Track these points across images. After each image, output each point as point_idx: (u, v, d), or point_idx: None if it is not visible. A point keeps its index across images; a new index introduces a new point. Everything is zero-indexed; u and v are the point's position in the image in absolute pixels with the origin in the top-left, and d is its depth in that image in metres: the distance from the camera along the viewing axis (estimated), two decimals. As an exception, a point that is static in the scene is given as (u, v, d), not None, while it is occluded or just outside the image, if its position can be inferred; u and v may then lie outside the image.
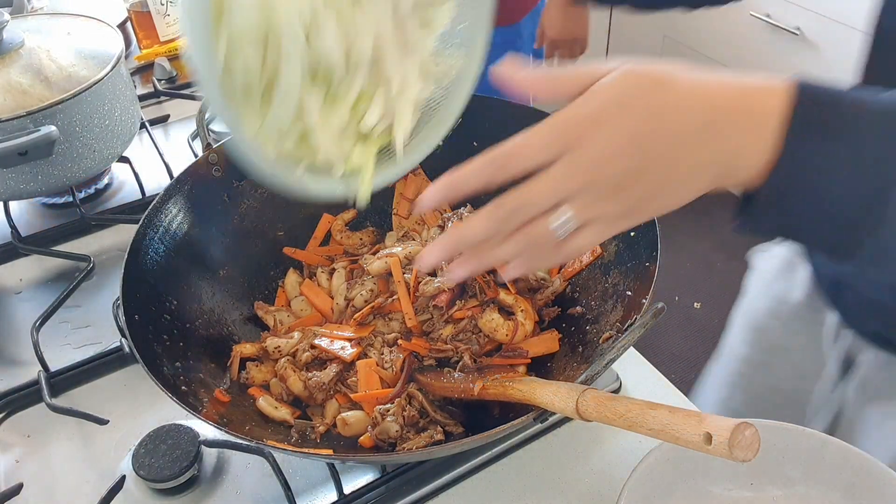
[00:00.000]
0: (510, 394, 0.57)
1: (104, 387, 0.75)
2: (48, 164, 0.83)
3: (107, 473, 0.66)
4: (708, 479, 0.59)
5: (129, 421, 0.71)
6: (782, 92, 0.39)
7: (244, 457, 0.67)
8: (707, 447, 0.38)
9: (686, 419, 0.40)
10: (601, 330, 0.66)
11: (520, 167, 0.40)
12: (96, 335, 0.80)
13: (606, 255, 0.71)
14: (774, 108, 0.39)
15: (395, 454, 0.61)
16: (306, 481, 0.65)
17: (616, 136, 0.39)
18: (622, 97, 0.39)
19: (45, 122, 0.80)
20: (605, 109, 0.39)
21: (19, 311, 0.84)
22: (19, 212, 0.97)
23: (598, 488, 0.64)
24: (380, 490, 0.63)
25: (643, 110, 0.39)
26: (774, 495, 0.59)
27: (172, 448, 0.64)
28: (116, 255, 0.90)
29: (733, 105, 0.40)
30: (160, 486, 0.64)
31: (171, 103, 1.19)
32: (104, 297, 0.85)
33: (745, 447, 0.37)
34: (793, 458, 0.58)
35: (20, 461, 0.69)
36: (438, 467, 0.65)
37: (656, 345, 1.98)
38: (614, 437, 0.67)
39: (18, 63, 0.83)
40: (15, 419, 0.72)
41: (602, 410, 0.46)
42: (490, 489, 0.64)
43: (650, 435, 0.43)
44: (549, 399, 0.51)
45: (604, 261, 0.71)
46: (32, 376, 0.74)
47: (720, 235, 2.32)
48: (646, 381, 0.73)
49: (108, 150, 0.90)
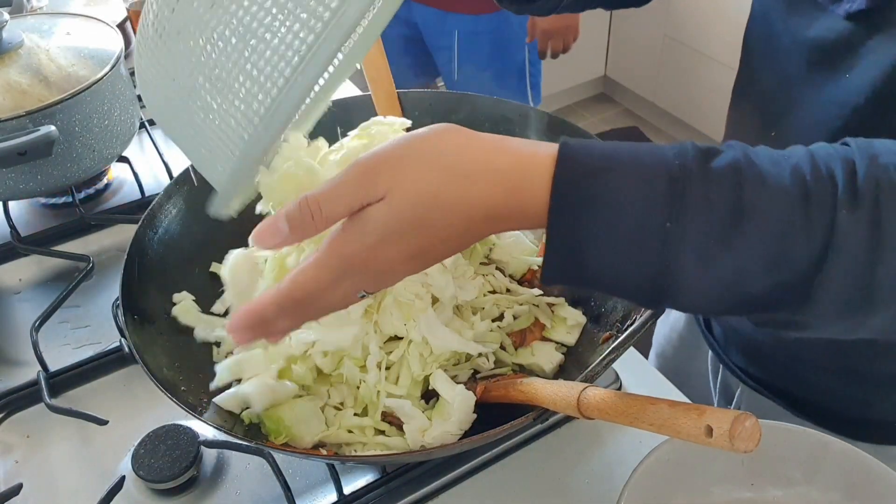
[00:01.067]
0: (512, 395, 0.57)
1: (104, 387, 0.75)
2: (47, 163, 0.83)
3: (106, 474, 0.66)
4: (708, 480, 0.59)
5: (129, 421, 0.71)
6: (548, 165, 0.39)
7: (244, 457, 0.67)
8: (708, 440, 0.39)
9: (686, 413, 0.40)
10: (601, 330, 0.66)
11: (318, 305, 0.42)
12: (96, 335, 0.80)
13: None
14: (542, 183, 0.39)
15: (395, 454, 0.61)
16: (306, 482, 0.65)
17: (396, 255, 0.41)
18: (395, 224, 0.40)
19: (44, 122, 0.80)
20: (384, 239, 0.40)
21: (19, 311, 0.84)
22: (19, 212, 0.97)
23: (598, 489, 0.64)
24: (380, 490, 0.63)
25: (416, 233, 0.40)
26: (775, 495, 0.59)
27: (172, 448, 0.64)
28: (116, 255, 0.90)
29: (504, 205, 0.40)
30: (160, 486, 0.64)
31: (170, 103, 1.19)
32: (104, 297, 0.85)
33: (745, 438, 0.38)
34: (793, 459, 0.58)
35: (20, 461, 0.69)
36: (438, 468, 0.64)
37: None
38: (614, 438, 0.67)
39: (18, 63, 0.83)
40: (15, 419, 0.72)
41: (603, 407, 0.46)
42: (490, 490, 0.64)
43: (651, 430, 0.43)
44: (551, 398, 0.51)
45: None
46: (32, 376, 0.73)
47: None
48: (646, 381, 0.73)
49: (107, 150, 0.90)
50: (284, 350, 0.62)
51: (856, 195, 0.36)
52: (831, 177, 0.37)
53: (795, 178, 0.37)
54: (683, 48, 2.72)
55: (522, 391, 0.55)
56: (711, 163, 0.38)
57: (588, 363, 0.55)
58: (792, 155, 0.39)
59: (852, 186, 0.37)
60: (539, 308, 0.69)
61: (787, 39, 0.60)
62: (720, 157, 0.38)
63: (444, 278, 0.63)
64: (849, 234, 0.36)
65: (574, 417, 0.54)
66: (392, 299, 0.63)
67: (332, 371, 0.63)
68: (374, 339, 0.63)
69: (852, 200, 0.36)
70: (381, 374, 0.62)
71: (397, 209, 0.39)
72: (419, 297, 0.63)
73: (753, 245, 0.37)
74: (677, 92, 2.84)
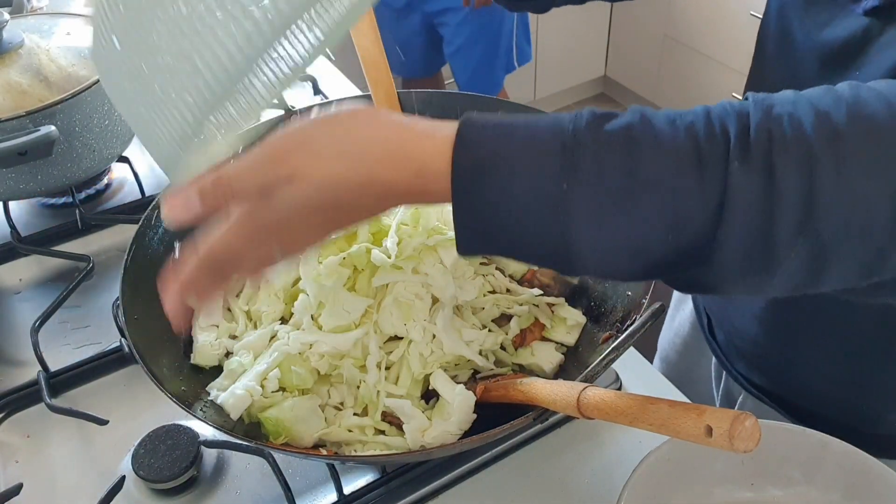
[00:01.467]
0: (512, 395, 0.57)
1: (104, 387, 0.75)
2: (48, 163, 0.83)
3: (106, 474, 0.66)
4: (708, 480, 0.59)
5: (129, 421, 0.71)
6: (449, 144, 0.39)
7: (244, 457, 0.67)
8: (708, 439, 0.39)
9: (686, 412, 0.40)
10: (601, 330, 0.66)
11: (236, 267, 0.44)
12: (96, 335, 0.80)
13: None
14: (444, 163, 0.39)
15: (395, 454, 0.61)
16: (306, 482, 0.65)
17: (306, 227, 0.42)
18: (302, 204, 0.41)
19: (44, 122, 0.80)
20: (292, 216, 0.41)
21: (19, 311, 0.84)
22: (19, 212, 0.97)
23: (598, 489, 0.64)
24: (380, 490, 0.63)
25: (323, 212, 0.41)
26: (775, 496, 0.59)
27: (172, 448, 0.64)
28: (116, 255, 0.90)
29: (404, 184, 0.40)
30: (160, 486, 0.64)
31: (170, 103, 1.19)
32: (104, 297, 0.85)
33: (745, 438, 0.38)
34: (793, 459, 0.58)
35: (20, 461, 0.69)
36: (438, 468, 0.64)
37: (656, 345, 1.98)
38: (614, 438, 0.67)
39: (18, 63, 0.83)
40: (15, 419, 0.72)
41: (603, 407, 0.46)
42: (490, 490, 0.64)
43: (651, 430, 0.43)
44: (551, 398, 0.51)
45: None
46: (32, 376, 0.73)
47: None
48: (645, 381, 0.73)
49: (107, 150, 0.90)
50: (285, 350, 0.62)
51: (748, 149, 0.36)
52: (724, 132, 0.37)
53: (689, 136, 0.37)
54: (683, 48, 2.72)
55: (522, 391, 0.55)
56: (605, 126, 0.38)
57: (588, 363, 0.55)
58: (689, 113, 0.39)
59: (744, 140, 0.36)
60: (539, 308, 0.69)
61: (802, 39, 0.60)
62: (615, 120, 0.38)
63: (445, 278, 0.63)
64: (742, 189, 0.36)
65: (574, 417, 0.54)
66: (392, 299, 0.63)
67: (330, 372, 0.63)
68: (373, 339, 0.63)
69: (744, 154, 0.36)
70: (380, 374, 0.62)
71: (304, 192, 0.40)
72: (419, 298, 0.63)
73: (649, 209, 0.37)
74: (677, 92, 2.84)
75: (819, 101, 0.37)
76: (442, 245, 0.63)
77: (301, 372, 0.62)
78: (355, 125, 0.42)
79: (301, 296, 0.64)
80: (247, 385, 0.61)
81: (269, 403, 0.61)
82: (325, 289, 0.62)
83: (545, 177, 0.38)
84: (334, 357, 0.62)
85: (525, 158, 0.38)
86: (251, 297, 0.69)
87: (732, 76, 2.50)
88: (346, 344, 0.61)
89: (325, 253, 0.63)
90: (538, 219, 0.38)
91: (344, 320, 0.62)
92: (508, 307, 0.68)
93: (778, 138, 0.36)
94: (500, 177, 0.38)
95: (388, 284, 0.64)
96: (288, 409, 0.60)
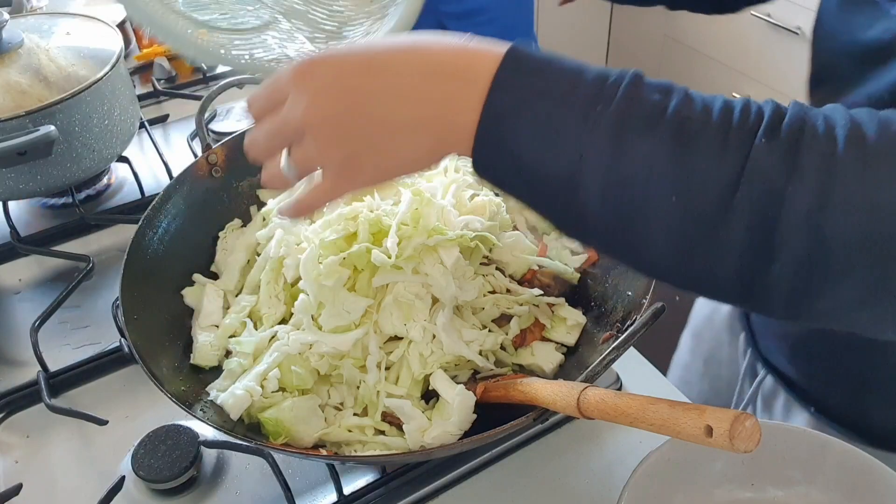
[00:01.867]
0: (512, 395, 0.57)
1: (104, 387, 0.75)
2: (47, 163, 0.83)
3: (106, 474, 0.66)
4: (708, 480, 0.59)
5: (129, 421, 0.71)
6: (497, 55, 0.41)
7: (244, 457, 0.67)
8: (708, 440, 0.38)
9: (686, 412, 0.40)
10: (601, 330, 0.66)
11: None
12: (96, 335, 0.80)
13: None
14: (486, 68, 0.41)
15: (395, 454, 0.61)
16: (306, 482, 0.65)
17: (329, 88, 0.44)
18: (336, 70, 0.44)
19: (44, 122, 0.80)
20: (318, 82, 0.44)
21: (19, 311, 0.84)
22: (19, 212, 0.97)
23: (598, 489, 0.64)
24: (380, 491, 0.63)
25: (357, 68, 0.43)
26: (775, 496, 0.59)
27: (172, 448, 0.64)
28: (116, 255, 0.90)
29: (450, 63, 0.42)
30: (160, 486, 0.64)
31: (170, 103, 1.19)
32: (104, 297, 0.85)
33: (745, 438, 0.37)
34: (793, 459, 0.58)
35: (20, 461, 0.69)
36: (438, 468, 0.64)
37: (656, 345, 1.98)
38: (614, 438, 0.67)
39: (18, 63, 0.83)
40: (14, 419, 0.72)
41: (603, 407, 0.46)
42: (490, 490, 0.64)
43: (651, 430, 0.43)
44: (551, 398, 0.51)
45: (604, 261, 0.71)
46: (32, 376, 0.73)
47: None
48: (646, 381, 0.73)
49: (107, 150, 0.90)
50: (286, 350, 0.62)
51: (778, 131, 0.37)
52: (759, 113, 0.38)
53: (725, 107, 0.38)
54: (683, 48, 2.72)
55: (522, 391, 0.55)
56: (646, 78, 0.39)
57: (588, 363, 0.55)
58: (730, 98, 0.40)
59: (776, 123, 0.37)
60: (539, 308, 0.69)
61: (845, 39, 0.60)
62: (657, 80, 0.40)
63: (445, 278, 0.63)
64: (763, 162, 0.36)
65: (574, 417, 0.54)
66: (392, 299, 0.63)
67: (330, 372, 0.63)
68: (373, 339, 0.63)
69: (773, 134, 0.37)
70: (380, 374, 0.62)
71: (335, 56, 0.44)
72: (419, 298, 0.63)
73: (665, 144, 0.38)
74: (677, 92, 2.84)
75: (856, 113, 0.38)
76: (442, 245, 0.63)
77: (301, 372, 0.62)
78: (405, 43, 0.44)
79: (301, 296, 0.64)
80: (247, 385, 0.61)
81: (268, 403, 0.61)
82: (325, 289, 0.62)
83: (580, 98, 0.39)
84: (334, 357, 0.62)
85: (566, 77, 0.40)
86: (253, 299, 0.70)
87: (732, 76, 2.50)
88: (346, 344, 0.61)
89: (326, 253, 0.63)
90: (559, 136, 0.39)
91: (344, 320, 0.62)
92: (508, 307, 0.68)
93: (809, 130, 0.37)
94: (538, 85, 0.40)
95: (388, 284, 0.63)
96: (288, 410, 0.59)
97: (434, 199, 0.65)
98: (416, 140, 0.43)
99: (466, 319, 0.66)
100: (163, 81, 1.22)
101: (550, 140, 0.39)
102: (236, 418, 0.60)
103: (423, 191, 0.65)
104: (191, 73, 1.25)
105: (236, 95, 1.14)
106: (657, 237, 0.39)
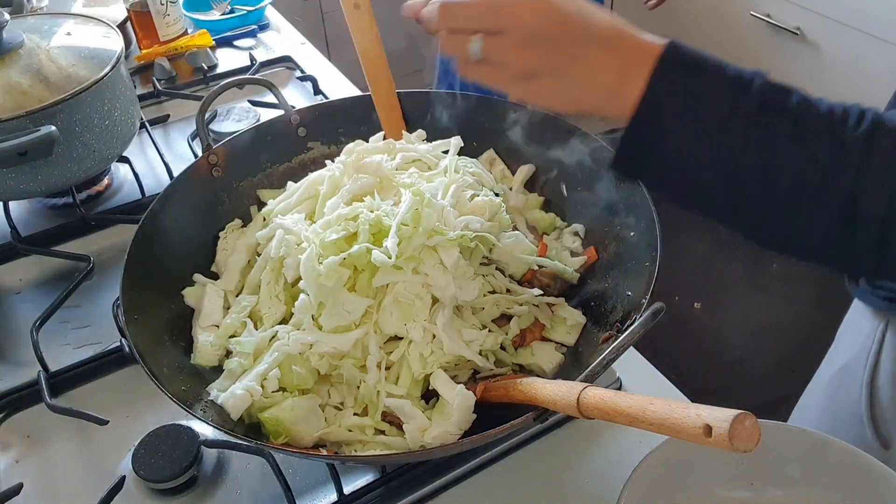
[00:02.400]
0: (512, 395, 0.57)
1: (104, 387, 0.75)
2: (48, 164, 0.83)
3: (107, 473, 0.66)
4: (708, 480, 0.59)
5: (129, 421, 0.71)
6: (660, 46, 0.49)
7: (244, 457, 0.67)
8: (708, 439, 0.38)
9: (686, 412, 0.40)
10: (601, 330, 0.66)
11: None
12: (96, 335, 0.80)
13: (606, 255, 0.71)
14: (652, 55, 0.49)
15: (395, 454, 0.61)
16: (306, 482, 0.65)
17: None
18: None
19: (44, 123, 0.80)
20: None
21: (19, 311, 0.84)
22: (19, 212, 0.97)
23: (597, 489, 0.64)
24: (380, 490, 0.63)
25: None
26: (775, 495, 0.59)
27: (172, 448, 0.64)
28: (116, 255, 0.90)
29: (630, 39, 0.50)
30: (160, 486, 0.64)
31: (170, 103, 1.19)
32: (104, 297, 0.85)
33: (745, 438, 0.37)
34: (793, 459, 0.58)
35: (20, 461, 0.69)
36: (438, 468, 0.64)
37: (656, 345, 1.98)
38: (614, 438, 0.67)
39: (18, 63, 0.83)
40: (15, 419, 0.72)
41: (603, 407, 0.46)
42: (490, 490, 0.64)
43: (651, 430, 0.43)
44: (551, 398, 0.51)
45: (603, 261, 0.71)
46: (32, 376, 0.74)
47: (720, 235, 2.32)
48: (645, 381, 0.73)
49: (107, 150, 0.90)
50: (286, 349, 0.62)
51: (881, 131, 0.46)
52: (861, 114, 0.47)
53: (831, 106, 0.48)
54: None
55: (522, 391, 0.55)
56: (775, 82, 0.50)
57: (588, 363, 0.55)
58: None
59: (878, 125, 0.46)
60: (539, 308, 0.69)
61: None
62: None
63: (445, 278, 0.63)
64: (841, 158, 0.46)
65: (574, 417, 0.54)
66: (392, 299, 0.63)
67: (330, 372, 0.63)
68: (373, 339, 0.63)
69: (855, 127, 0.46)
70: (380, 374, 0.62)
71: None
72: (419, 298, 0.63)
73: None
74: (677, 92, 2.84)
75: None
76: (442, 245, 0.63)
77: (301, 372, 0.62)
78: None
79: (301, 296, 0.64)
80: (247, 385, 0.61)
81: (269, 403, 0.61)
82: (326, 289, 0.62)
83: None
84: (334, 357, 0.62)
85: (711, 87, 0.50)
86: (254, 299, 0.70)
87: (732, 76, 2.50)
88: (346, 344, 0.61)
89: (326, 253, 0.63)
90: (704, 143, 0.48)
91: (344, 320, 0.62)
92: (508, 307, 0.68)
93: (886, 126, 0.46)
94: (688, 90, 0.49)
95: (388, 284, 0.64)
96: (288, 409, 0.60)
97: (434, 200, 0.65)
98: (589, 85, 0.50)
99: (466, 319, 0.66)
100: (163, 82, 1.22)
101: (697, 138, 0.49)
102: (236, 418, 0.60)
103: (423, 191, 0.65)
104: (191, 73, 1.26)
105: (236, 95, 1.14)
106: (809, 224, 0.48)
